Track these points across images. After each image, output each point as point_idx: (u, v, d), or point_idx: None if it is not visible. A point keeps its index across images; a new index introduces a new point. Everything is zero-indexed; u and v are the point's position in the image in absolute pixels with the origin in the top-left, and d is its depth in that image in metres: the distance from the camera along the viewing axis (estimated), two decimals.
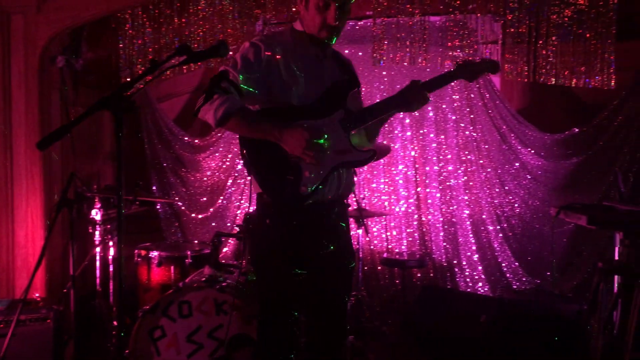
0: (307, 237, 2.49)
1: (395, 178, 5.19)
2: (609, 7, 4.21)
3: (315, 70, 2.49)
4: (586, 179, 4.67)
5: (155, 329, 3.41)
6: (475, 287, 4.95)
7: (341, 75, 2.55)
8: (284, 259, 2.47)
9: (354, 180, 2.65)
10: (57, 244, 4.41)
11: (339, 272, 2.59)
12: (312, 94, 2.46)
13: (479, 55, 4.55)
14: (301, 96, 2.45)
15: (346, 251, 2.61)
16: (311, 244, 2.50)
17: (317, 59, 2.51)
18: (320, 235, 2.51)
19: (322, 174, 2.41)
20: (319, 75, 2.49)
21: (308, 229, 2.48)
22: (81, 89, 4.83)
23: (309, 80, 2.47)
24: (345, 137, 2.46)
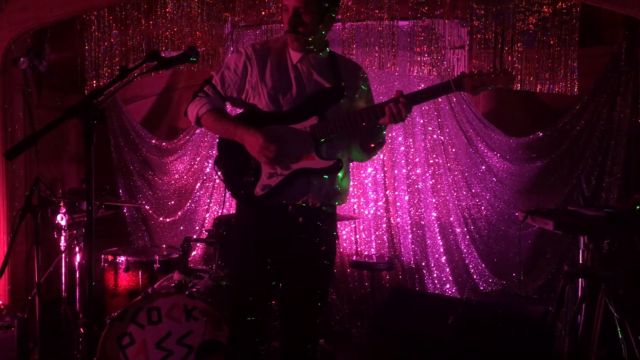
0: (270, 237, 2.50)
1: (364, 181, 5.22)
2: (572, 15, 4.31)
3: (292, 77, 2.48)
4: (550, 182, 4.77)
5: (123, 336, 3.38)
6: (443, 289, 5.02)
7: (331, 82, 2.49)
8: (248, 255, 2.54)
9: (337, 188, 2.54)
10: (20, 250, 4.32)
11: (308, 278, 2.57)
12: (285, 100, 2.46)
13: (446, 60, 4.60)
14: (273, 102, 2.47)
15: (318, 260, 2.57)
16: (273, 245, 2.51)
17: (297, 65, 2.49)
18: (285, 238, 2.50)
19: (280, 178, 2.44)
20: (296, 82, 2.48)
21: (270, 230, 2.50)
22: (45, 91, 4.74)
23: (282, 86, 2.47)
24: (311, 145, 2.44)
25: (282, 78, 2.48)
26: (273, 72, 2.48)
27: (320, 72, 2.50)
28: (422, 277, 5.08)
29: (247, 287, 2.56)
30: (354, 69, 2.62)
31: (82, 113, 1.70)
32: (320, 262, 2.58)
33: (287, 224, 2.49)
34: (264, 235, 2.51)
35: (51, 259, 4.30)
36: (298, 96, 2.47)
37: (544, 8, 4.29)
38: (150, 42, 4.73)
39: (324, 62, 2.54)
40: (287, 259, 2.53)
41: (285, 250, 2.51)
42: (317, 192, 2.48)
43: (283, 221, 2.48)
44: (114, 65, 4.78)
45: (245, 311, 2.54)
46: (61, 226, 4.01)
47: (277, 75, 2.48)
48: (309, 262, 2.55)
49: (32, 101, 4.58)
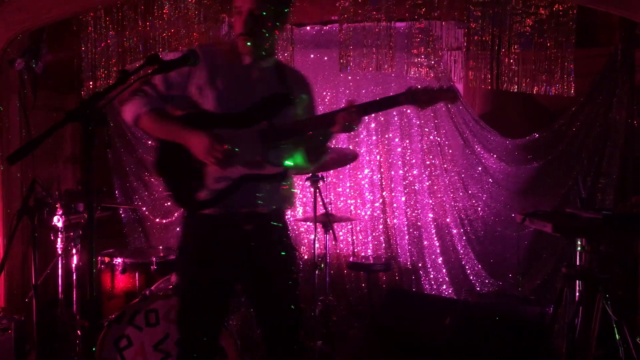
0: (219, 250, 2.43)
1: (361, 182, 5.23)
2: (568, 17, 4.32)
3: (243, 81, 2.43)
4: (546, 183, 4.78)
5: (121, 338, 3.37)
6: (439, 290, 5.03)
7: (279, 89, 2.45)
8: (193, 262, 2.48)
9: (286, 193, 2.50)
10: (16, 252, 4.31)
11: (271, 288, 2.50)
12: (235, 104, 2.39)
13: (443, 62, 4.61)
14: (222, 105, 2.39)
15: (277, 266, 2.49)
16: (218, 252, 2.43)
17: (248, 69, 2.44)
18: (235, 249, 2.43)
19: (228, 183, 2.36)
20: (247, 86, 2.42)
21: (218, 242, 2.43)
22: (41, 92, 4.72)
23: (233, 90, 2.41)
24: (260, 150, 2.39)
25: (233, 81, 2.42)
26: (223, 75, 2.41)
27: (269, 78, 2.47)
28: (418, 278, 5.09)
29: (196, 306, 2.48)
30: (298, 78, 2.60)
31: (83, 117, 1.68)
32: (280, 268, 2.50)
33: (236, 234, 2.41)
34: (213, 249, 2.43)
35: (47, 261, 4.28)
36: (248, 100, 2.41)
37: (541, 10, 4.30)
38: (147, 44, 4.71)
39: (272, 69, 2.50)
40: (241, 271, 2.46)
41: (237, 262, 2.43)
42: (266, 198, 2.41)
43: (231, 231, 2.41)
44: (110, 66, 4.76)
45: (195, 332, 2.48)
46: (58, 228, 3.99)
47: (228, 78, 2.41)
48: (268, 270, 2.47)
49: (28, 102, 4.56)
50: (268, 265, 2.47)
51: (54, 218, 3.99)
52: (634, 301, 3.99)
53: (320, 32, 5.04)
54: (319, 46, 5.10)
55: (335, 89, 5.16)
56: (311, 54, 5.13)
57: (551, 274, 4.71)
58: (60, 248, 3.98)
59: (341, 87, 5.15)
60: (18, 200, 4.37)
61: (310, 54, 5.12)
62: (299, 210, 5.30)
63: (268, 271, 2.48)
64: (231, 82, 2.41)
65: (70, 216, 4.13)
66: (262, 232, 2.44)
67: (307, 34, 5.04)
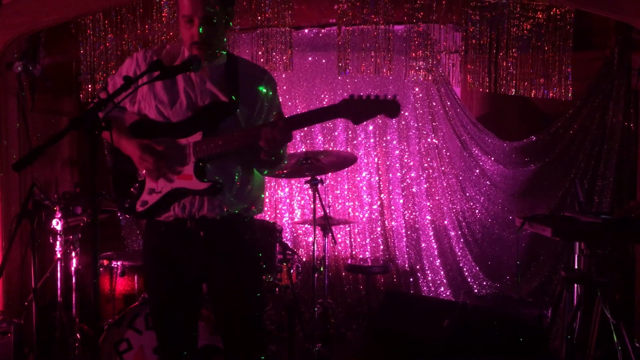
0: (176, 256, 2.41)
1: (359, 185, 5.24)
2: (566, 21, 4.35)
3: (186, 89, 2.35)
4: (544, 186, 4.80)
5: (120, 341, 3.38)
6: (437, 292, 5.04)
7: (225, 92, 2.34)
8: (151, 266, 2.49)
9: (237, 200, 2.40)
10: (14, 255, 4.29)
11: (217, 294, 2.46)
12: (177, 113, 2.34)
13: (441, 65, 4.63)
14: (164, 114, 2.36)
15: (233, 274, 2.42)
16: (174, 255, 2.42)
17: (195, 75, 2.35)
18: (190, 255, 2.40)
19: (158, 196, 2.33)
20: (188, 95, 2.35)
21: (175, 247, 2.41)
22: (39, 95, 4.71)
23: (176, 99, 2.35)
24: (190, 163, 2.30)
25: (172, 89, 2.35)
26: (164, 81, 2.32)
27: (215, 81, 2.36)
28: (416, 280, 5.11)
29: (162, 310, 2.48)
30: (254, 74, 2.45)
31: (88, 124, 1.69)
32: (232, 276, 2.41)
33: (190, 240, 2.37)
34: (170, 255, 2.41)
35: (45, 264, 4.28)
36: (188, 109, 2.34)
37: (539, 14, 4.33)
38: (145, 47, 4.71)
39: (221, 68, 2.39)
40: (199, 274, 2.43)
41: (193, 265, 2.40)
42: (210, 205, 2.34)
43: (185, 237, 2.37)
44: (109, 69, 4.76)
45: (168, 336, 2.48)
46: (57, 231, 3.99)
47: (168, 86, 2.35)
48: (223, 278, 2.41)
49: (27, 105, 4.55)
50: (221, 272, 2.41)
51: (52, 221, 3.99)
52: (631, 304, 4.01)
53: (318, 35, 5.05)
54: (316, 49, 5.11)
55: (333, 92, 5.18)
56: (309, 56, 5.14)
57: (548, 276, 4.74)
58: (60, 251, 3.98)
59: (339, 89, 5.17)
60: (16, 202, 4.37)
61: (308, 56, 5.14)
62: (297, 212, 5.32)
63: (221, 278, 2.42)
64: (170, 90, 2.35)
65: (69, 219, 4.13)
66: (214, 237, 2.38)
67: (305, 37, 5.05)
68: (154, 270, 2.49)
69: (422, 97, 5.05)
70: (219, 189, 2.30)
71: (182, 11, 2.25)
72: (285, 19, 4.50)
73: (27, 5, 4.12)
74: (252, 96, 2.41)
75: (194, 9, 2.21)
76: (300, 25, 4.88)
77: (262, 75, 2.47)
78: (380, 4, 4.39)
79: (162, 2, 4.64)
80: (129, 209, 2.41)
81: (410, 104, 5.10)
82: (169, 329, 2.48)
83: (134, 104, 2.43)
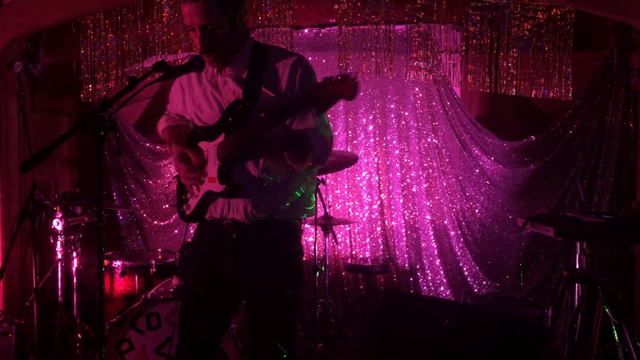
0: (210, 256, 2.45)
1: (359, 185, 5.25)
2: (566, 21, 4.36)
3: (211, 93, 2.38)
4: (543, 185, 4.82)
5: (122, 342, 3.38)
6: (437, 292, 5.05)
7: (245, 88, 2.31)
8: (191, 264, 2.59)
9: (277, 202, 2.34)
10: (15, 255, 4.29)
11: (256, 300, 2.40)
12: (210, 119, 2.38)
13: (441, 65, 4.64)
14: (199, 121, 2.43)
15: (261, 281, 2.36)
16: (212, 256, 2.44)
17: (216, 79, 2.37)
18: (222, 256, 2.40)
19: (196, 200, 2.38)
20: (214, 98, 2.37)
21: (210, 247, 2.45)
22: (39, 95, 4.71)
23: (205, 105, 2.40)
24: (216, 165, 2.30)
25: (203, 94, 2.40)
26: (198, 87, 2.42)
27: (237, 79, 2.33)
28: (416, 280, 5.12)
29: (187, 307, 2.53)
30: (283, 60, 2.31)
31: (93, 124, 1.69)
32: (264, 283, 2.35)
33: (223, 241, 2.38)
34: (205, 254, 2.47)
35: (45, 264, 4.27)
36: (218, 112, 2.36)
37: (539, 14, 4.34)
38: (146, 47, 4.71)
39: (244, 64, 2.33)
40: (230, 279, 2.42)
41: (228, 267, 2.40)
42: (235, 208, 2.32)
43: (220, 238, 2.39)
44: (109, 69, 4.76)
45: (187, 333, 2.50)
46: (57, 231, 3.99)
47: (200, 91, 2.42)
48: (251, 282, 2.37)
49: (27, 105, 4.55)
50: (251, 277, 2.38)
51: (53, 221, 3.99)
52: (631, 304, 4.03)
53: (318, 35, 5.05)
54: (316, 49, 5.11)
55: None
56: (309, 56, 5.10)
57: (548, 275, 4.75)
58: (60, 251, 3.98)
59: None
60: (16, 203, 4.37)
61: (308, 56, 5.07)
62: None
63: (251, 283, 2.39)
64: (201, 98, 2.41)
65: (69, 219, 4.13)
66: (246, 241, 2.36)
67: (305, 37, 5.06)
68: (192, 265, 2.60)
69: (422, 96, 5.06)
70: (235, 192, 2.27)
71: (184, 21, 2.25)
72: (286, 19, 4.51)
73: (28, 5, 4.11)
74: (277, 81, 2.30)
75: (191, 18, 2.18)
76: (300, 25, 4.88)
77: (291, 60, 2.32)
78: (381, 4, 4.40)
79: (163, 2, 4.64)
80: (181, 213, 2.50)
81: (410, 103, 5.10)
82: (192, 327, 2.48)
83: (184, 114, 2.55)
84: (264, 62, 2.33)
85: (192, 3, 2.15)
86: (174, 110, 2.60)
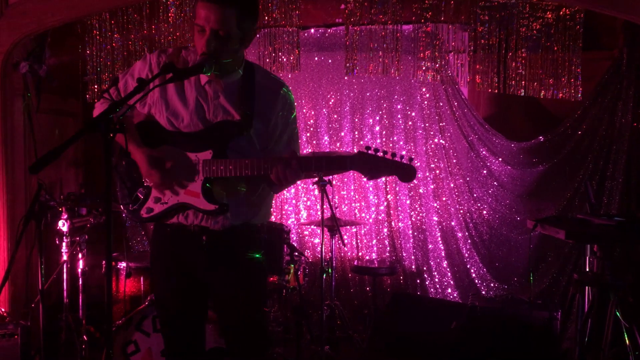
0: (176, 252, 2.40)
1: (365, 186, 5.22)
2: (575, 21, 4.33)
3: (199, 100, 2.29)
4: (552, 186, 4.78)
5: (128, 343, 3.37)
6: (444, 294, 5.02)
7: (238, 110, 2.28)
8: (158, 267, 2.49)
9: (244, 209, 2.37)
10: (20, 256, 4.27)
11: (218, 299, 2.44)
12: (187, 125, 2.30)
13: (449, 66, 4.61)
14: (174, 124, 2.32)
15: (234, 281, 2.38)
16: (179, 259, 2.40)
17: (206, 87, 2.29)
18: (192, 259, 2.38)
19: (163, 207, 2.32)
20: (200, 107, 2.29)
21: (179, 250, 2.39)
22: (44, 95, 4.69)
23: (186, 110, 2.29)
24: (199, 181, 2.26)
25: (184, 99, 2.29)
26: (177, 90, 2.30)
27: (229, 96, 2.29)
28: (423, 281, 5.09)
29: (168, 312, 2.48)
30: (272, 88, 2.36)
31: (102, 126, 1.67)
32: (233, 288, 2.37)
33: (193, 244, 2.35)
34: (174, 257, 2.40)
35: (51, 265, 4.25)
36: (199, 121, 2.28)
37: (548, 14, 4.31)
38: (152, 47, 4.69)
39: (236, 83, 2.31)
40: (202, 281, 2.41)
41: (197, 271, 2.39)
42: (213, 220, 2.32)
43: (189, 240, 2.35)
44: (115, 69, 4.74)
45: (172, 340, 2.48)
46: (62, 232, 3.98)
47: (180, 95, 2.30)
48: (221, 286, 2.39)
49: (32, 106, 4.53)
50: (221, 278, 2.38)
51: (58, 222, 3.97)
52: None
53: (325, 34, 5.03)
54: (323, 49, 5.09)
55: (339, 92, 5.16)
56: (315, 56, 5.11)
57: (556, 277, 4.71)
58: (66, 253, 3.96)
59: (345, 89, 5.15)
60: (22, 204, 4.35)
61: (315, 56, 5.11)
62: (303, 214, 5.29)
63: (222, 284, 2.39)
64: (182, 99, 2.30)
65: (74, 220, 4.11)
66: (216, 243, 2.35)
67: (311, 37, 5.03)
68: (160, 271, 2.48)
69: (429, 97, 5.03)
70: (225, 211, 2.27)
71: (196, 19, 2.17)
72: (293, 19, 4.48)
73: (33, 6, 4.09)
74: (268, 111, 2.33)
75: (207, 20, 2.12)
76: (306, 25, 4.86)
77: (279, 90, 2.38)
78: (388, 3, 4.37)
79: (169, 2, 4.63)
80: (133, 212, 2.39)
81: (417, 104, 5.07)
82: (175, 331, 2.47)
83: (144, 106, 2.39)
84: (253, 82, 2.33)
85: (212, 5, 2.11)
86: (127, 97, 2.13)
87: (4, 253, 4.24)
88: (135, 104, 2.35)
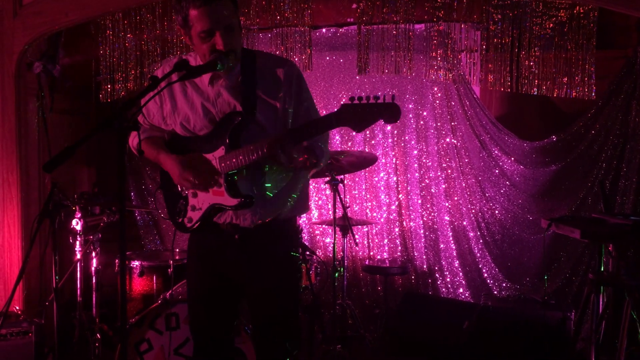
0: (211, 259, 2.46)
1: (377, 185, 5.21)
2: (589, 19, 4.30)
3: (203, 102, 2.34)
4: (565, 186, 4.75)
5: (141, 342, 3.37)
6: (456, 293, 5.00)
7: (241, 101, 2.30)
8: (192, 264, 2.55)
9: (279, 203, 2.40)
10: (34, 254, 4.31)
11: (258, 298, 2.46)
12: (199, 129, 2.37)
13: (461, 65, 4.59)
14: (189, 131, 2.39)
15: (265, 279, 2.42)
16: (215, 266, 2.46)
17: (209, 88, 2.33)
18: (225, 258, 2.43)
19: (200, 213, 2.37)
20: (206, 108, 2.34)
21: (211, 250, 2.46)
22: (58, 95, 4.73)
23: (195, 115, 2.35)
24: (220, 179, 2.30)
25: (192, 106, 2.35)
26: (185, 99, 2.36)
27: (231, 90, 2.31)
28: (435, 281, 5.07)
29: (195, 310, 2.56)
30: (273, 68, 2.34)
31: (116, 124, 1.68)
32: (268, 282, 2.41)
33: (225, 243, 2.40)
34: (206, 255, 2.47)
35: (64, 263, 4.28)
36: (209, 124, 2.34)
37: (561, 12, 4.28)
38: (165, 47, 4.72)
39: (236, 74, 2.32)
40: (233, 280, 2.45)
41: (230, 270, 2.44)
42: (242, 217, 2.35)
43: (221, 239, 2.40)
44: (128, 69, 4.77)
45: (200, 335, 2.53)
46: (76, 231, 4.01)
47: (189, 102, 2.36)
48: (255, 280, 2.42)
49: (46, 105, 4.57)
50: (255, 275, 2.42)
51: (72, 221, 4.01)
52: None
53: (336, 34, 5.03)
54: (334, 48, 5.08)
55: (351, 92, 5.15)
56: (327, 56, 5.11)
57: (569, 277, 4.68)
58: (80, 251, 3.99)
59: (356, 89, 5.14)
60: (35, 203, 4.39)
61: (326, 56, 5.11)
62: (314, 213, 5.29)
63: (255, 280, 2.43)
64: (189, 106, 2.36)
65: (88, 219, 4.14)
66: (248, 242, 2.39)
67: (323, 37, 5.03)
68: (194, 272, 2.55)
69: (440, 96, 5.01)
70: (250, 203, 2.29)
71: (199, 28, 2.16)
72: (304, 18, 4.49)
73: (47, 6, 4.12)
74: (272, 92, 2.32)
75: (216, 20, 2.14)
76: (318, 24, 4.87)
77: (281, 67, 2.34)
78: (400, 2, 4.36)
79: None
80: (181, 225, 2.47)
81: (428, 103, 5.06)
82: (203, 328, 2.52)
83: (162, 121, 2.48)
84: (254, 68, 2.33)
85: (213, 5, 2.12)
86: (152, 121, 2.52)
87: (18, 252, 4.28)
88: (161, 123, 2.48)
